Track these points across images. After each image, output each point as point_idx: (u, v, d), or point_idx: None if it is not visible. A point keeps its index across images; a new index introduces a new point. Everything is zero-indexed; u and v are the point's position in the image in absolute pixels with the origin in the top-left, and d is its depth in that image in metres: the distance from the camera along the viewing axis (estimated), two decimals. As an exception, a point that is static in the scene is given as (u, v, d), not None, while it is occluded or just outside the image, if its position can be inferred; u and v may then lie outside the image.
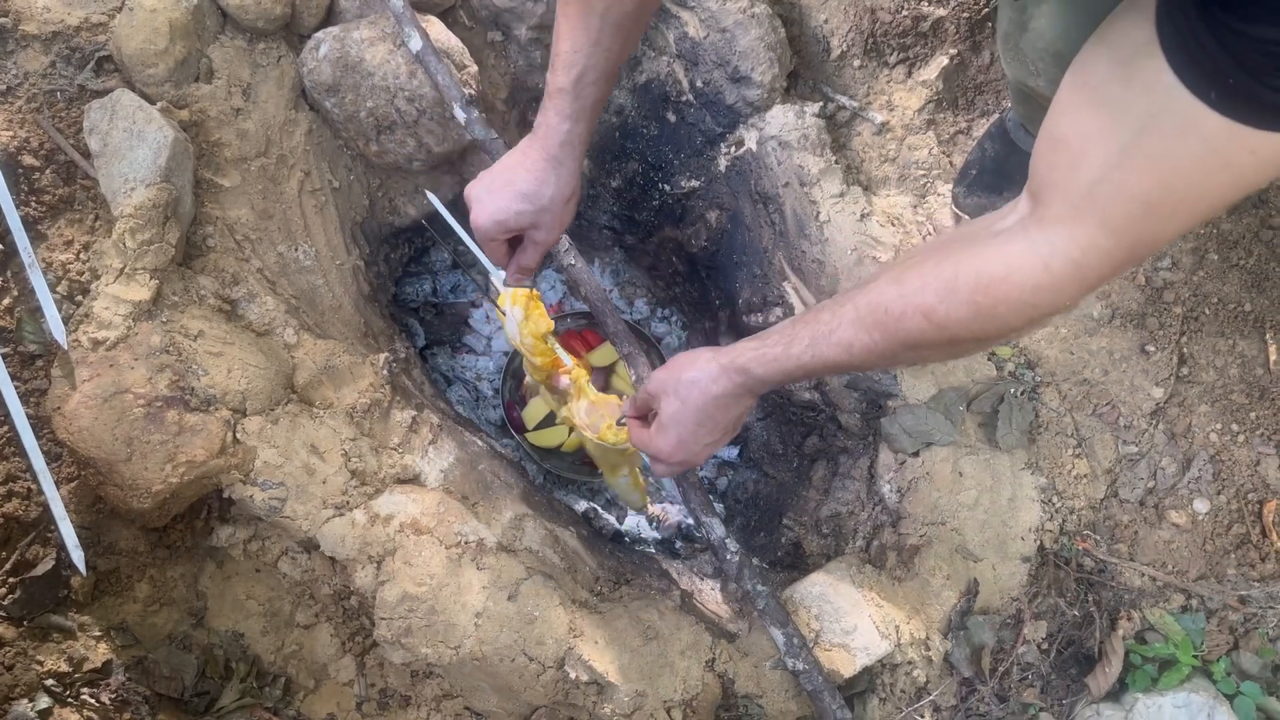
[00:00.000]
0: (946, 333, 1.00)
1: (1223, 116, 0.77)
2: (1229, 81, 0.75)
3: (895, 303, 1.04)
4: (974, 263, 0.98)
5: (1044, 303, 0.94)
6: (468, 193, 1.34)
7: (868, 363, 1.11)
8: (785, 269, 1.82)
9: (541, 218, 1.32)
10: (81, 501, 1.45)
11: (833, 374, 1.19)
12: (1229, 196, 0.85)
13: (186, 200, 1.51)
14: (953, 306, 0.99)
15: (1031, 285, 0.93)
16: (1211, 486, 1.62)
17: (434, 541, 1.45)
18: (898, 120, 1.82)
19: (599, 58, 1.19)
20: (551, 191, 1.30)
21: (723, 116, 1.85)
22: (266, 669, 1.51)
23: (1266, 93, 0.74)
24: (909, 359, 1.09)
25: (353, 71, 1.64)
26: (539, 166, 1.28)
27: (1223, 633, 1.55)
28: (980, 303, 0.97)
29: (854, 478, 1.71)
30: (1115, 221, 0.88)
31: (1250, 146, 0.78)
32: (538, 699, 1.44)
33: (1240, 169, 0.81)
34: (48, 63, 1.59)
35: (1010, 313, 0.96)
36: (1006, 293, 0.95)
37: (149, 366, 1.39)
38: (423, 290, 2.22)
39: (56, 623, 1.40)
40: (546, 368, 1.59)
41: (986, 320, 0.97)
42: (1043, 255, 0.92)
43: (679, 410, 1.25)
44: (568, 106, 1.24)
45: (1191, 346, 1.69)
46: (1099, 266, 0.90)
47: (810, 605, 1.51)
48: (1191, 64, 0.78)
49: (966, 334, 1.00)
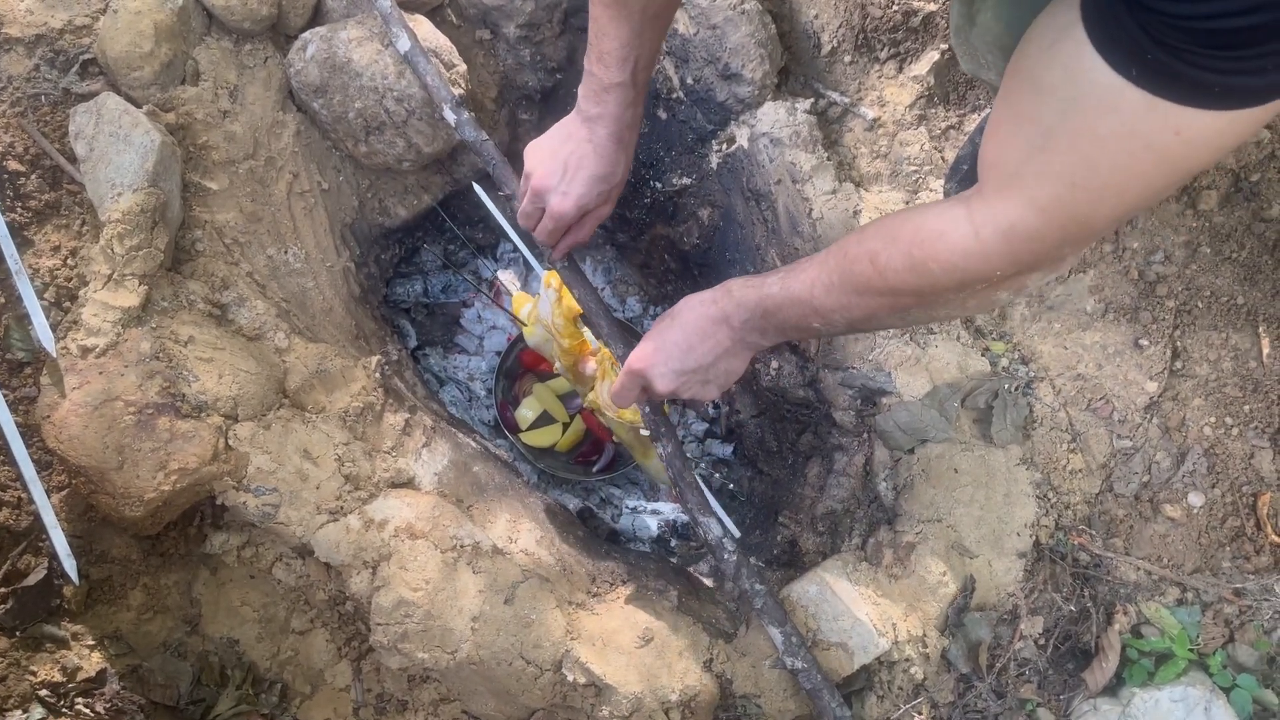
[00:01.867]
0: (886, 281, 1.05)
1: (1144, 92, 0.77)
2: (1148, 58, 0.75)
3: (852, 247, 1.11)
4: (918, 218, 1.04)
5: (973, 269, 0.98)
6: (541, 185, 1.44)
7: (825, 306, 1.15)
8: (778, 266, 1.81)
9: (611, 195, 1.46)
10: (73, 510, 1.44)
11: (801, 322, 1.20)
12: (1160, 180, 0.85)
13: (174, 204, 1.50)
14: (893, 254, 1.04)
15: (962, 249, 0.97)
16: (1206, 480, 1.63)
17: (429, 545, 1.44)
18: (889, 116, 1.82)
19: (645, 48, 1.30)
20: (621, 171, 1.43)
21: (714, 113, 1.84)
22: (262, 675, 1.50)
23: (1185, 68, 0.73)
24: (860, 312, 1.13)
25: (340, 72, 1.63)
26: (609, 149, 1.39)
27: (1218, 626, 1.55)
28: (915, 255, 1.02)
29: (849, 475, 1.71)
30: (1042, 200, 0.90)
31: (1173, 125, 0.78)
32: (535, 702, 1.44)
33: (1165, 149, 0.80)
34: (31, 66, 1.57)
35: (941, 270, 1.00)
36: (938, 250, 0.99)
37: (139, 373, 1.38)
38: (414, 291, 2.21)
39: (49, 632, 1.39)
40: (574, 351, 1.66)
41: (919, 274, 1.02)
42: (975, 223, 0.96)
43: (666, 323, 1.33)
44: (629, 95, 1.35)
45: (1185, 340, 1.69)
46: (1028, 243, 0.93)
47: (807, 604, 1.51)
48: (1112, 42, 0.78)
49: (902, 285, 1.04)
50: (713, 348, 1.30)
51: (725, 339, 1.29)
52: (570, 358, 1.67)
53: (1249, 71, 0.72)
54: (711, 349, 1.30)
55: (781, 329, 1.25)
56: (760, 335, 1.28)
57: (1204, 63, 0.72)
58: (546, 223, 1.47)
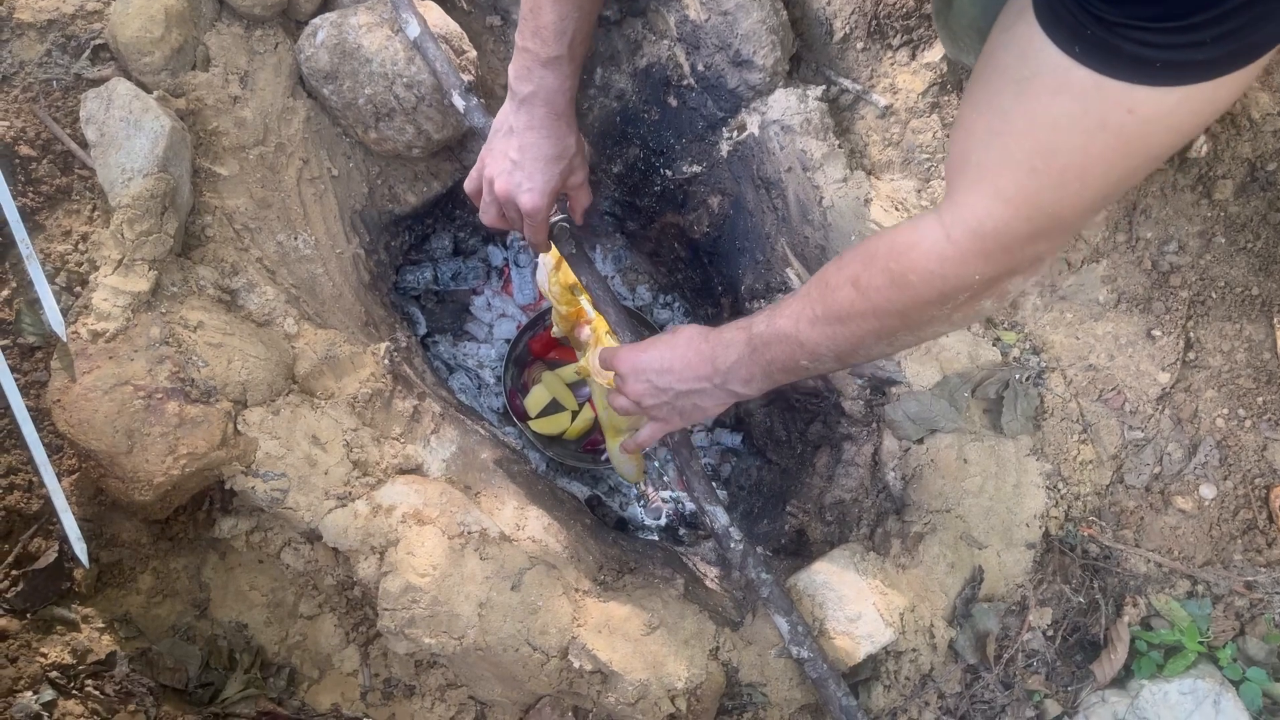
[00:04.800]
0: (869, 301, 1.03)
1: (1090, 71, 0.76)
2: (1088, 33, 0.74)
3: (832, 275, 1.10)
4: (892, 234, 1.03)
5: (951, 273, 0.96)
6: (504, 191, 1.43)
7: (812, 340, 1.13)
8: (788, 255, 1.80)
9: (573, 165, 1.47)
10: (83, 494, 1.45)
11: (789, 362, 1.19)
12: (1121, 163, 0.83)
13: (184, 190, 1.50)
14: (873, 274, 1.02)
15: (937, 254, 0.95)
16: (1218, 472, 1.61)
17: (437, 532, 1.44)
18: (901, 103, 1.80)
19: (583, 21, 1.30)
20: (572, 141, 1.43)
21: (724, 101, 1.83)
22: (270, 660, 1.51)
23: (1122, 43, 0.72)
24: (846, 342, 1.11)
25: (350, 58, 1.62)
26: (553, 126, 1.39)
27: (1229, 619, 1.54)
28: (893, 269, 1.00)
29: (858, 465, 1.71)
30: (1006, 190, 0.88)
31: (1125, 104, 0.76)
32: (542, 688, 1.44)
33: (1120, 129, 0.78)
34: (43, 51, 1.57)
35: (921, 281, 0.98)
36: (915, 260, 0.97)
37: (149, 358, 1.38)
38: (423, 278, 2.21)
39: (60, 615, 1.40)
40: (571, 318, 1.69)
41: (900, 289, 1.00)
42: (945, 225, 0.94)
43: (666, 337, 1.35)
44: (566, 69, 1.34)
45: (1198, 331, 1.67)
46: (998, 236, 0.91)
47: (814, 593, 1.51)
48: (1056, 19, 0.77)
49: (885, 303, 1.02)
50: (689, 379, 1.30)
51: (705, 377, 1.28)
52: (567, 324, 1.70)
53: (1186, 46, 0.70)
54: (687, 380, 1.30)
55: (768, 372, 1.23)
56: (744, 384, 1.26)
57: (1139, 37, 0.71)
58: (527, 222, 1.47)
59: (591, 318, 1.64)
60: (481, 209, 1.52)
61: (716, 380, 1.27)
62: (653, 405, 1.36)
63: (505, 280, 2.34)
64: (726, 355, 1.24)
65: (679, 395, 1.32)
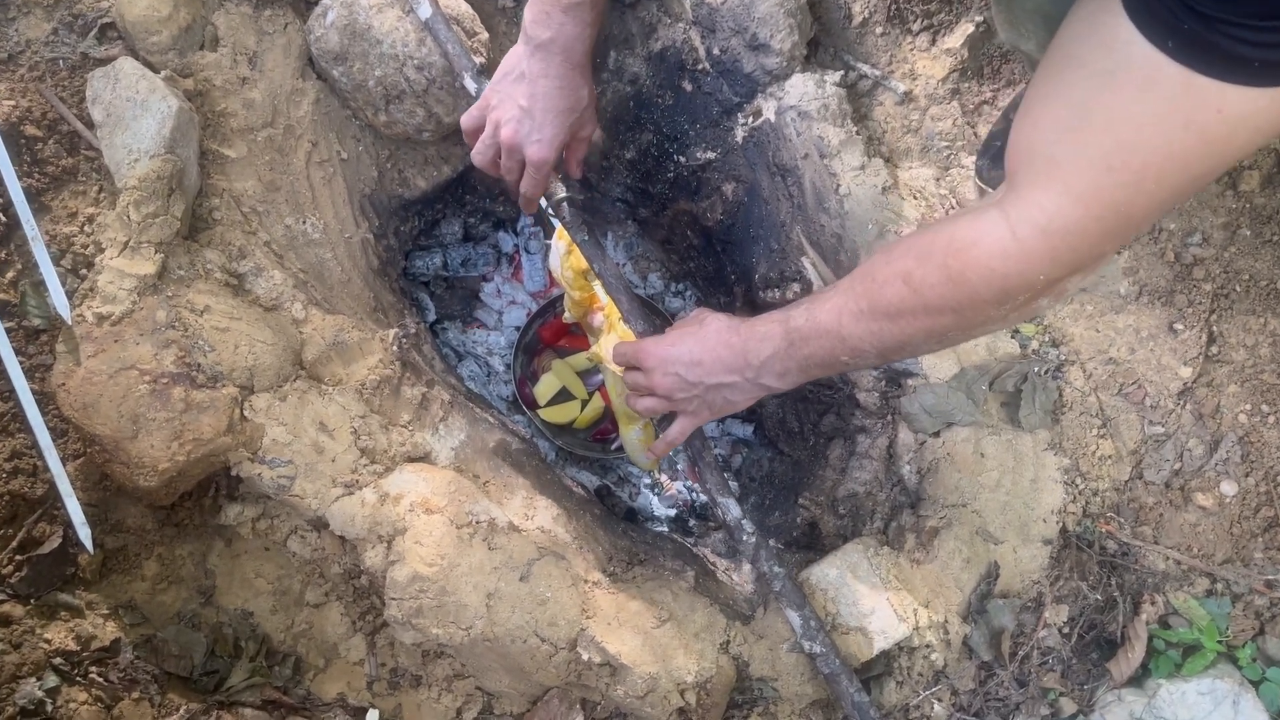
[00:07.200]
0: (921, 298, 0.99)
1: (1182, 67, 0.72)
2: (1184, 28, 0.71)
3: (881, 269, 1.04)
4: (949, 229, 0.98)
5: (1013, 272, 0.91)
6: (510, 138, 1.40)
7: (854, 335, 1.08)
8: (803, 243, 1.77)
9: (584, 118, 1.45)
10: (88, 479, 1.43)
11: (828, 357, 1.14)
12: (1200, 165, 0.79)
13: (192, 172, 1.48)
14: (928, 270, 0.98)
15: (999, 252, 0.91)
16: (1240, 468, 1.59)
17: (445, 521, 1.43)
18: (921, 90, 1.77)
19: None
20: (586, 93, 1.40)
21: (740, 86, 1.80)
22: (276, 648, 1.50)
23: (1220, 40, 0.69)
24: (893, 339, 1.06)
25: (361, 39, 1.60)
26: (568, 76, 1.36)
27: (1249, 618, 1.52)
28: (951, 266, 0.95)
29: (872, 457, 1.68)
30: (1078, 187, 0.84)
31: (1214, 103, 0.73)
32: (550, 680, 1.43)
33: (1206, 129, 0.75)
34: (49, 30, 1.55)
35: (980, 280, 0.94)
36: (976, 257, 0.93)
37: (154, 342, 1.36)
38: (433, 264, 2.19)
39: (64, 601, 1.38)
40: (584, 303, 1.68)
41: (957, 286, 0.96)
42: (1010, 221, 0.90)
43: (692, 327, 1.30)
44: (587, 15, 1.31)
45: (1221, 325, 1.64)
46: (1068, 237, 0.87)
47: (827, 588, 1.49)
48: (1149, 13, 0.74)
49: (940, 300, 0.98)
50: (720, 372, 1.26)
51: (736, 370, 1.24)
52: (580, 309, 1.68)
53: None
54: (718, 373, 1.26)
55: (804, 367, 1.19)
56: (777, 378, 1.22)
57: (1238, 34, 0.68)
58: (530, 173, 1.44)
59: (605, 303, 1.62)
60: (476, 148, 1.49)
61: (749, 374, 1.23)
62: (683, 399, 1.33)
63: (515, 267, 2.31)
64: (760, 349, 1.20)
65: (709, 389, 1.29)
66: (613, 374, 1.59)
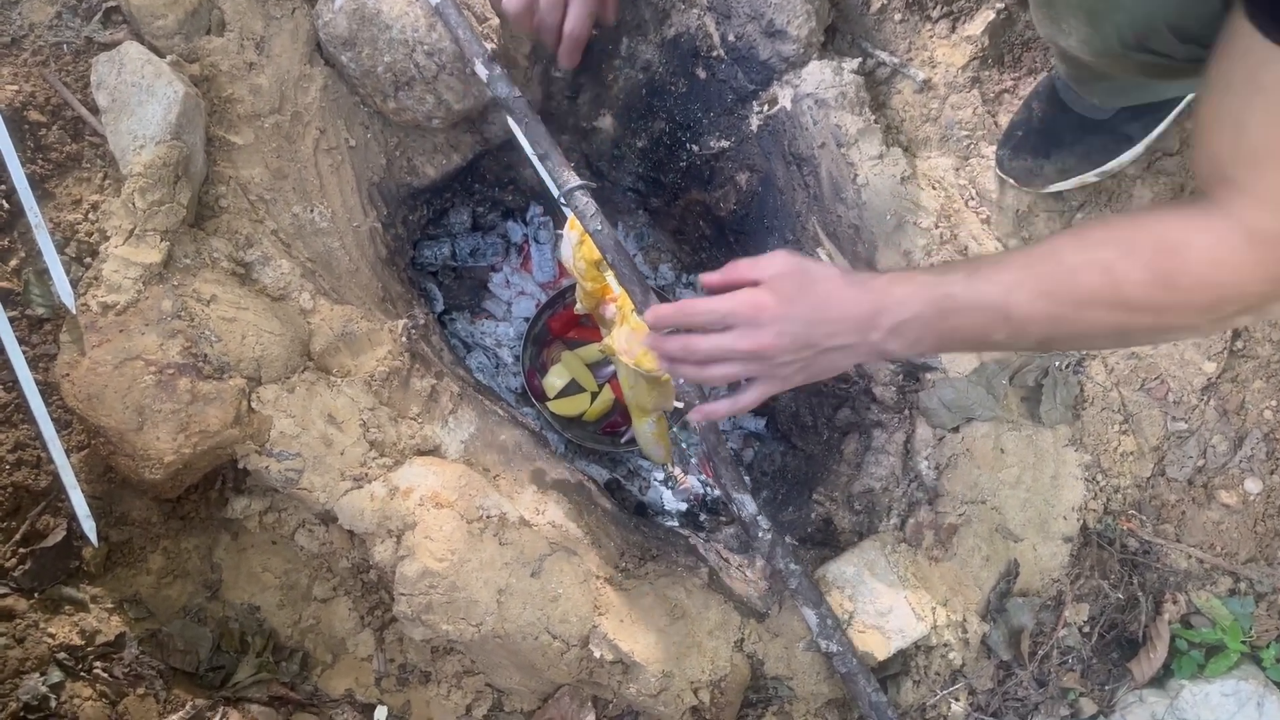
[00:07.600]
0: (1120, 293, 0.94)
1: None
2: None
3: (1072, 255, 0.98)
4: (1157, 227, 0.94)
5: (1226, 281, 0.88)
6: None
7: (1026, 315, 1.00)
8: (819, 234, 1.74)
9: None
10: (92, 471, 1.41)
11: (977, 334, 1.06)
12: None
13: (198, 158, 1.45)
14: (1132, 265, 0.93)
15: (1211, 258, 0.88)
16: (1264, 465, 1.56)
17: (455, 515, 1.40)
18: (940, 78, 1.73)
19: None
20: None
21: (756, 73, 1.77)
22: (283, 643, 1.48)
23: None
24: (1073, 327, 1.00)
25: (370, 24, 1.57)
26: None
27: (1273, 618, 1.49)
28: (1159, 266, 0.91)
29: (888, 453, 1.65)
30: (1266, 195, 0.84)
31: None
32: (561, 677, 1.41)
33: None
34: (53, 14, 1.52)
35: (1190, 283, 0.90)
36: (1187, 259, 0.90)
37: (160, 332, 1.34)
38: (441, 253, 2.16)
39: (68, 594, 1.36)
40: (596, 294, 1.63)
41: (1164, 287, 0.91)
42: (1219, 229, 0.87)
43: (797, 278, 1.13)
44: None
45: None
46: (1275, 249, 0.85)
47: (844, 585, 1.46)
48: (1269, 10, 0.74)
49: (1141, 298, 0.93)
50: (844, 333, 1.11)
51: (863, 331, 1.10)
52: (592, 300, 1.65)
53: None
54: (841, 334, 1.11)
55: (944, 337, 1.08)
56: (907, 344, 1.10)
57: None
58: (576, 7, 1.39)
59: (618, 294, 1.59)
60: None
61: (875, 336, 1.09)
62: (785, 362, 1.14)
63: (524, 257, 2.28)
64: (898, 312, 1.07)
65: (823, 352, 1.13)
66: (625, 366, 1.56)
